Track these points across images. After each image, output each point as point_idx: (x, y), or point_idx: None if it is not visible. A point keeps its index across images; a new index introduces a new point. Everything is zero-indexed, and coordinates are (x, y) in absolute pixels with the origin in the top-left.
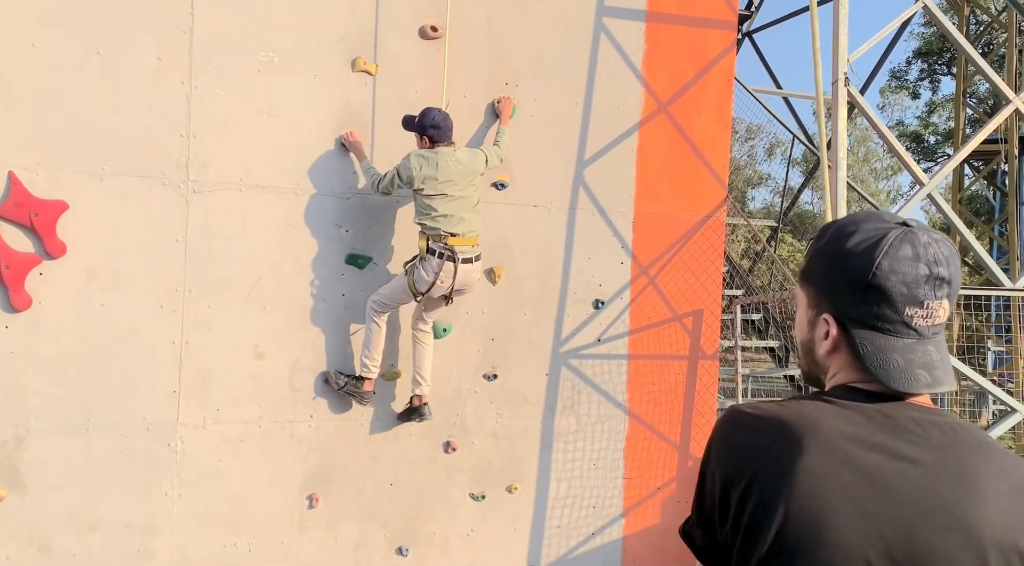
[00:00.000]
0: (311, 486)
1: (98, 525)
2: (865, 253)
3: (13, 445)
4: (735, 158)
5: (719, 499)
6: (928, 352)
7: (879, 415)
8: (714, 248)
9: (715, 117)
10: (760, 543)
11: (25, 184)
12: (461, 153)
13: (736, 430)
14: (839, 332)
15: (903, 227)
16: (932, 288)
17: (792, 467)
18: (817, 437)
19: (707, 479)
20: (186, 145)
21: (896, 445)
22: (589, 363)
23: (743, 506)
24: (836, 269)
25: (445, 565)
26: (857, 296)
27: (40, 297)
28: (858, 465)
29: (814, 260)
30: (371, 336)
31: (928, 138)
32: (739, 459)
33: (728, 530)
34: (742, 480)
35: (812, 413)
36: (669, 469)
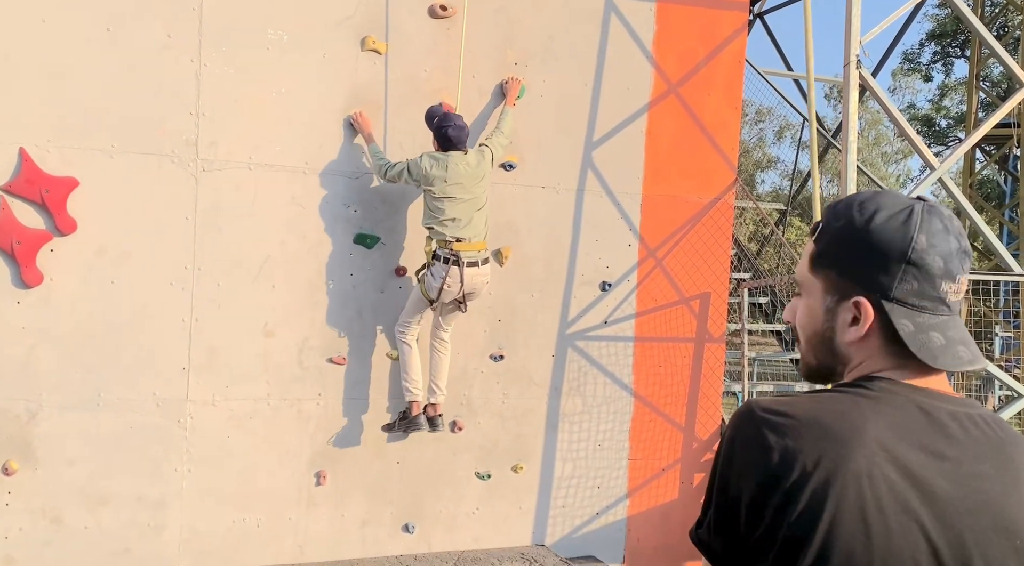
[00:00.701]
0: (319, 463)
1: (109, 499)
2: (900, 228)
3: (26, 419)
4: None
5: (750, 506)
6: (960, 327)
7: (917, 411)
8: (722, 231)
9: (725, 99)
10: (805, 551)
11: (36, 161)
12: (471, 156)
13: (769, 431)
14: (876, 315)
15: (921, 201)
16: (961, 261)
17: (839, 471)
18: (862, 438)
19: (730, 484)
20: (195, 123)
21: (937, 443)
22: (595, 345)
23: (783, 513)
24: (867, 247)
25: (451, 542)
26: (895, 274)
27: (51, 273)
28: (904, 466)
29: (835, 241)
30: (405, 359)
31: (940, 122)
32: (779, 463)
33: (760, 537)
34: (782, 485)
35: (852, 412)
36: (674, 450)
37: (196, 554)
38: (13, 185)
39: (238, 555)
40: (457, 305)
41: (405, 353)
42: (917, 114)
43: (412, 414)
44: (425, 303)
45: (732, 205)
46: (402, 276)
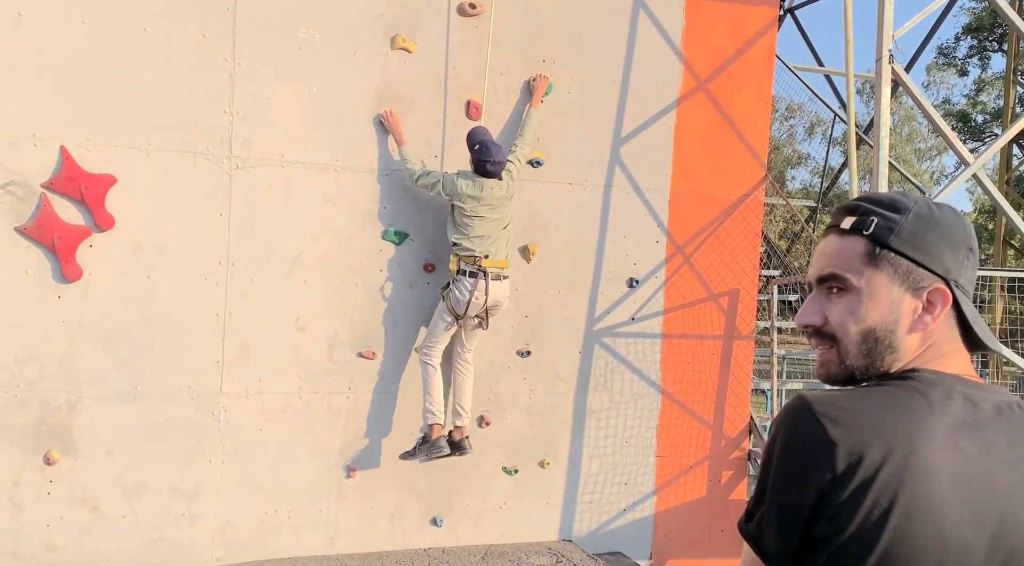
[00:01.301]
0: (349, 456)
1: (145, 489)
2: (953, 216)
3: (66, 410)
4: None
5: (814, 503)
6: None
7: (965, 401)
8: (751, 227)
9: (755, 95)
10: (874, 546)
11: (76, 158)
12: (504, 180)
13: (832, 426)
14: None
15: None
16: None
17: (906, 465)
18: (926, 432)
19: (788, 480)
20: (229, 121)
21: (989, 435)
22: (622, 341)
23: (851, 509)
24: (939, 235)
25: (478, 536)
26: (960, 261)
27: (90, 268)
28: (964, 459)
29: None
30: (428, 380)
31: (976, 117)
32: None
33: (823, 533)
34: (850, 481)
35: (911, 405)
36: (702, 448)
37: (229, 544)
38: (54, 182)
39: (270, 545)
40: (479, 322)
41: (428, 375)
42: (952, 110)
43: (432, 437)
44: (450, 321)
45: (762, 202)
46: (430, 272)
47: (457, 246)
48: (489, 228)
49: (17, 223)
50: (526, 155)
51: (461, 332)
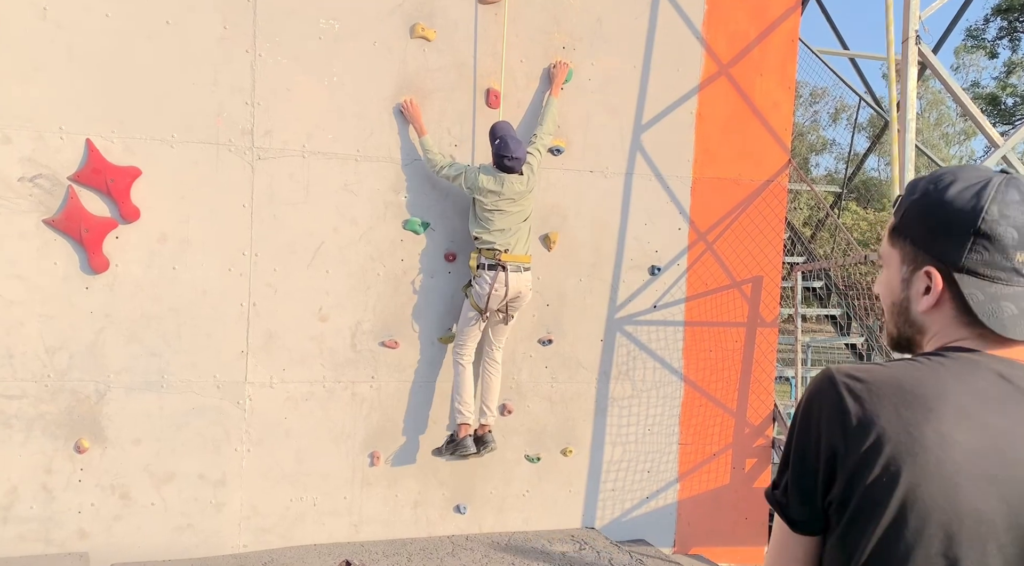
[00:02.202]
0: (372, 444)
1: (174, 477)
2: (972, 200)
3: (95, 400)
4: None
5: (827, 469)
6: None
7: (998, 378)
8: (775, 213)
9: (778, 80)
10: (881, 515)
11: (101, 151)
12: (524, 174)
13: (848, 395)
14: (943, 284)
15: (1004, 174)
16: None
17: (919, 435)
18: (945, 402)
19: (808, 447)
20: (251, 112)
21: (1017, 410)
22: (645, 329)
23: (860, 476)
24: (939, 219)
25: (501, 524)
26: (965, 244)
27: (116, 259)
28: (986, 431)
29: (909, 213)
30: (459, 380)
31: (1006, 100)
32: (857, 427)
33: (836, 500)
34: (860, 449)
35: (931, 378)
36: (725, 436)
37: (255, 531)
38: (81, 175)
39: (295, 532)
40: (503, 317)
41: (459, 374)
42: (981, 93)
43: (460, 436)
44: (474, 317)
45: (785, 187)
46: (451, 261)
47: (478, 240)
48: (509, 221)
49: (45, 215)
50: (547, 145)
51: (488, 330)
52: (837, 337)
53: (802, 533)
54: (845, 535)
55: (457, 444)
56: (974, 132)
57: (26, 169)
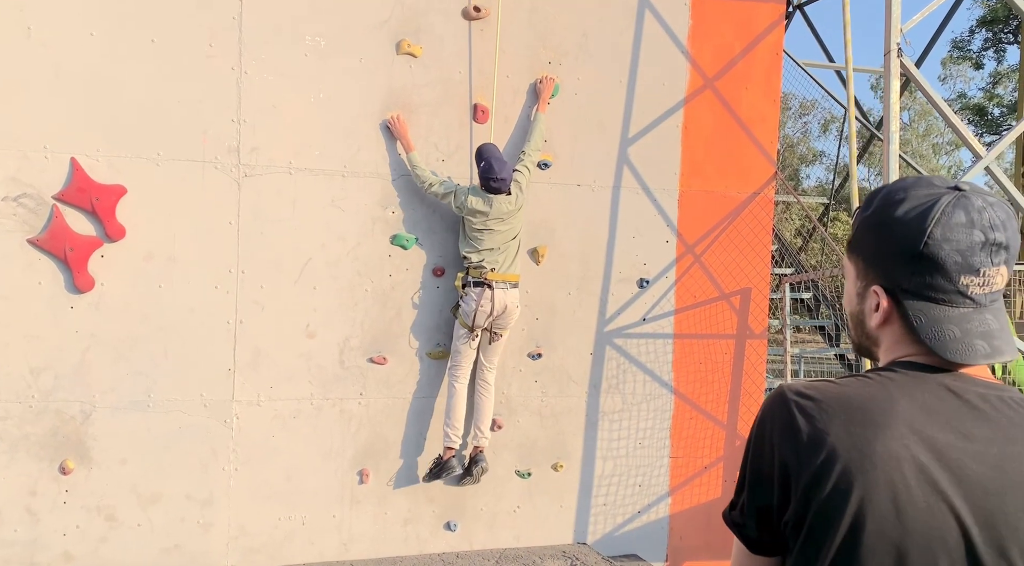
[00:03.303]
0: (361, 461)
1: (160, 497)
2: (915, 221)
3: (80, 420)
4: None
5: (781, 487)
6: (986, 321)
7: (947, 393)
8: (762, 225)
9: (763, 92)
10: (834, 532)
11: (86, 170)
12: (512, 193)
13: (800, 414)
14: (890, 304)
15: (955, 192)
16: (989, 255)
17: (869, 452)
18: (892, 420)
19: (762, 465)
20: (237, 130)
21: (967, 425)
22: (634, 342)
23: (812, 494)
24: (885, 239)
25: (492, 540)
26: (908, 266)
27: (102, 278)
28: (933, 448)
29: (862, 230)
30: (451, 401)
31: (992, 110)
32: (808, 444)
33: (791, 518)
34: (811, 467)
35: (880, 394)
36: (716, 448)
37: (244, 551)
38: (65, 194)
39: (284, 552)
40: (491, 335)
41: (452, 395)
42: (968, 103)
43: (444, 458)
44: (464, 335)
45: (772, 199)
46: (440, 276)
47: (467, 259)
48: (498, 240)
49: (30, 235)
50: (535, 161)
51: (480, 350)
52: (827, 348)
53: (759, 554)
54: (802, 553)
55: (442, 467)
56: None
57: (10, 188)
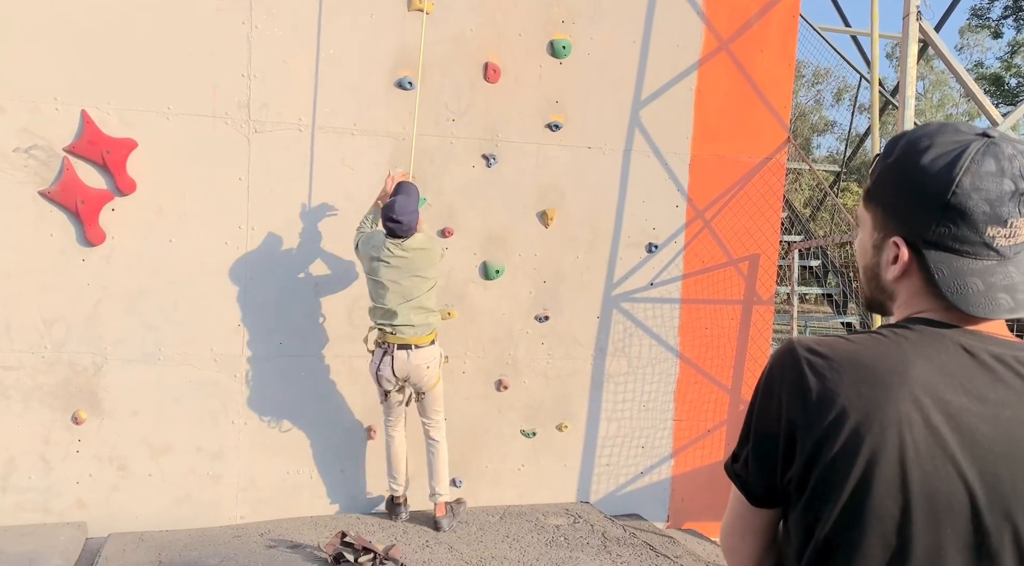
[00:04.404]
0: (369, 418)
1: (171, 448)
2: (943, 170)
3: (92, 372)
4: (800, 104)
5: (787, 443)
6: (1009, 274)
7: (962, 353)
8: (773, 191)
9: (778, 56)
10: (841, 491)
11: (97, 122)
12: (414, 240)
13: (810, 371)
14: (910, 255)
15: (984, 138)
16: (1017, 204)
17: (880, 413)
18: (903, 381)
19: (769, 420)
20: (247, 85)
21: (981, 386)
22: (641, 306)
23: (820, 452)
24: (909, 188)
25: (497, 497)
26: (933, 217)
27: (113, 232)
28: (945, 409)
29: (882, 178)
30: (388, 453)
31: (1009, 81)
32: (817, 403)
33: (796, 475)
34: (820, 425)
35: (894, 353)
36: (720, 412)
37: (253, 503)
38: (76, 146)
39: (292, 504)
40: (408, 396)
41: (388, 446)
42: (985, 73)
43: (394, 503)
44: (381, 392)
45: (784, 165)
46: (449, 237)
47: (371, 314)
48: (398, 297)
49: (41, 187)
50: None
51: (416, 406)
52: (834, 316)
53: (760, 506)
54: (806, 511)
55: (392, 510)
56: (977, 113)
57: (21, 140)
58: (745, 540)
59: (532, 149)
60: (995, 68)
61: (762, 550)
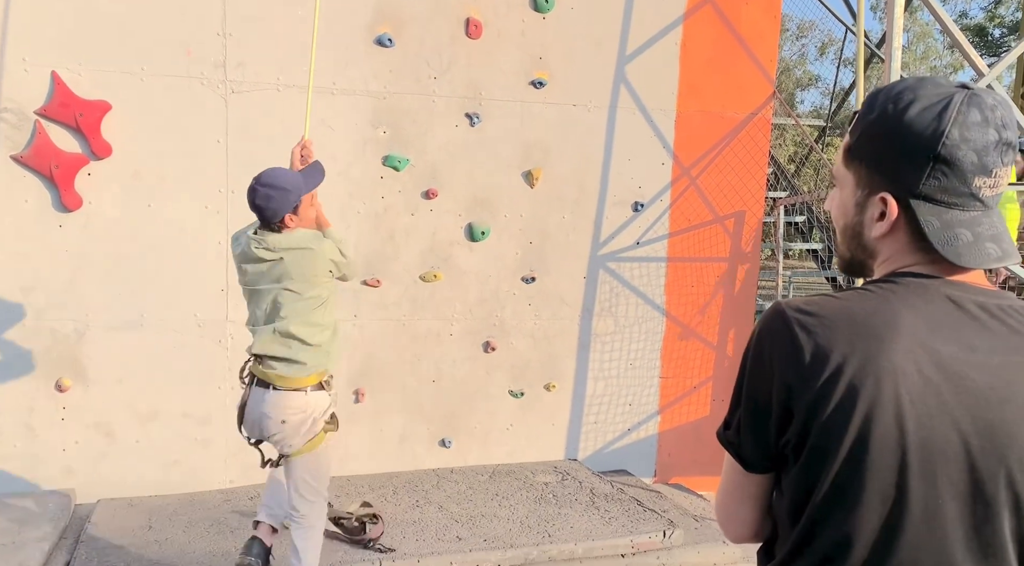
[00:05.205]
0: (356, 382)
1: (158, 414)
2: (932, 122)
3: (74, 339)
4: (785, 58)
5: (782, 406)
6: (994, 224)
7: (949, 303)
8: (759, 147)
9: (763, 8)
10: (840, 446)
11: (68, 84)
12: (290, 236)
13: (801, 331)
14: (899, 211)
15: (964, 90)
16: (1000, 154)
17: (874, 367)
18: (896, 333)
19: (760, 384)
20: (222, 44)
21: (969, 336)
22: (627, 266)
23: (817, 410)
24: (896, 142)
25: (486, 456)
26: (922, 169)
27: (89, 197)
28: (938, 360)
29: (865, 135)
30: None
31: (993, 31)
32: (811, 363)
33: (793, 436)
34: (815, 383)
35: (883, 307)
36: (706, 369)
37: (243, 467)
38: (48, 109)
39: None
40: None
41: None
42: (969, 24)
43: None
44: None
45: (769, 121)
46: (433, 199)
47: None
48: (252, 317)
49: (13, 151)
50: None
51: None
52: (818, 271)
53: (755, 472)
54: (804, 470)
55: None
56: (961, 65)
57: None
58: (741, 507)
59: (516, 107)
60: (979, 18)
61: (759, 516)
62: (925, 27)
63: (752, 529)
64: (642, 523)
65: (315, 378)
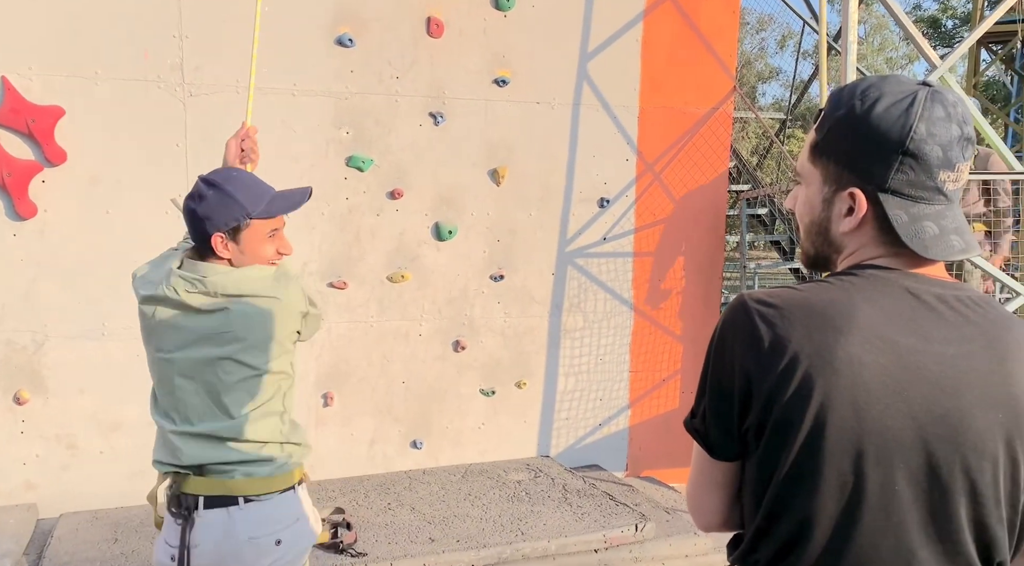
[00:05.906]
0: (325, 385)
1: (121, 424)
2: (899, 118)
3: (32, 350)
4: (745, 52)
5: (742, 394)
6: (956, 216)
7: (907, 295)
8: (720, 142)
9: (722, 3)
10: (795, 434)
11: (19, 89)
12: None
13: (761, 321)
14: (868, 206)
15: (926, 87)
16: (962, 149)
17: (831, 357)
18: (854, 323)
19: (723, 373)
20: (179, 46)
21: (926, 326)
22: (595, 261)
23: (775, 398)
24: (864, 137)
25: (458, 456)
26: (891, 164)
27: (45, 204)
28: (895, 350)
29: (833, 131)
30: None
31: (946, 23)
32: (769, 351)
33: (753, 424)
34: (773, 372)
35: (842, 298)
36: (674, 361)
37: None
38: None
39: None
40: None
41: None
42: (922, 16)
43: None
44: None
45: (731, 115)
46: (399, 199)
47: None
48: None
49: None
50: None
51: None
52: (781, 262)
53: (721, 459)
54: (763, 456)
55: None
56: (917, 56)
57: None
58: (710, 495)
59: (480, 105)
60: (932, 10)
61: (727, 504)
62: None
63: (721, 517)
64: (614, 518)
65: (289, 480)
